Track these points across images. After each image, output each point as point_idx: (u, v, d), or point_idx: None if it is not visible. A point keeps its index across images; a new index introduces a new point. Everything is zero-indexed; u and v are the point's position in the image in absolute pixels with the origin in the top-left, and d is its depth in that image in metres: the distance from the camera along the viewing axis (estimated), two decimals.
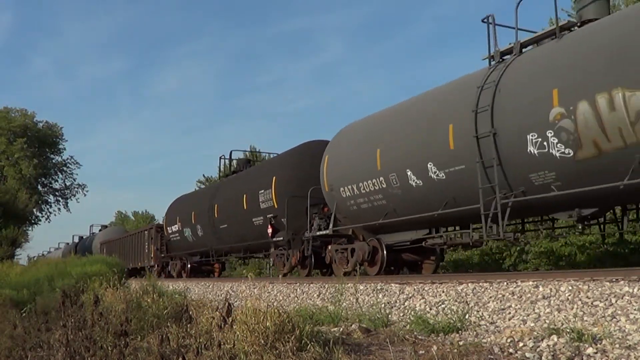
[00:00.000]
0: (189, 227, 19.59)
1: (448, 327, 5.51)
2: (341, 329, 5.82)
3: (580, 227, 7.84)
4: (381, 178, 10.66)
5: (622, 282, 5.47)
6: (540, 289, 6.01)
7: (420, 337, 5.39)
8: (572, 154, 7.61)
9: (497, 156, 8.50)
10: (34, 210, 46.72)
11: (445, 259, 15.87)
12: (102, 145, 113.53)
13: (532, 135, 8.05)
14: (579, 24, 8.81)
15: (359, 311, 6.76)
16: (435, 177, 9.54)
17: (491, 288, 6.57)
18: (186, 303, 7.02)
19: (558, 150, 7.76)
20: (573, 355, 4.25)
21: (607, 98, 7.05)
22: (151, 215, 57.24)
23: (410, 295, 7.40)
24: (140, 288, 8.90)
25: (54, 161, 53.45)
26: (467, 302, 6.45)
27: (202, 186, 32.58)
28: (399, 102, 11.49)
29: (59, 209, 54.35)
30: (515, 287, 6.32)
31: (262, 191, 14.83)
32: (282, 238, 14.29)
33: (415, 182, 9.94)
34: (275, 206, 14.25)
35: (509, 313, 5.77)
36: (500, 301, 6.14)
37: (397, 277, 9.88)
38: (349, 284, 8.03)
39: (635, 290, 5.19)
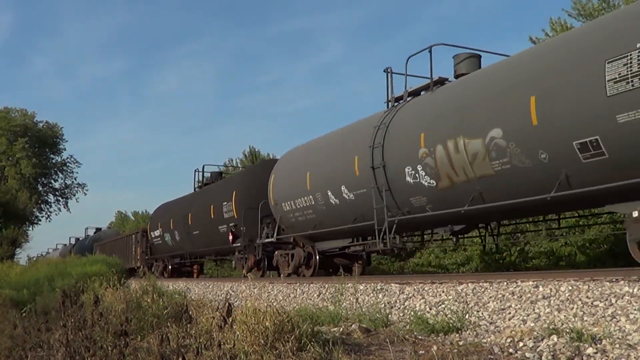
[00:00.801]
0: (168, 232, 21.88)
1: (448, 327, 5.51)
2: (341, 329, 5.82)
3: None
4: (310, 196, 12.93)
5: (622, 282, 5.47)
6: (540, 289, 6.01)
7: (420, 337, 5.39)
8: (435, 184, 9.71)
9: (386, 183, 10.60)
10: (34, 210, 46.71)
11: (447, 260, 16.28)
12: (102, 145, 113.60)
13: (408, 168, 10.20)
14: (455, 77, 10.78)
15: (359, 311, 6.76)
16: (347, 197, 11.80)
17: (491, 288, 6.57)
18: (186, 303, 7.02)
19: (426, 181, 9.85)
20: (573, 355, 4.25)
21: (454, 143, 9.18)
22: (151, 215, 57.10)
23: (410, 295, 7.40)
24: (140, 288, 8.90)
25: (53, 161, 53.49)
26: (467, 302, 6.45)
27: (202, 186, 32.80)
28: (325, 134, 14.03)
29: (59, 208, 54.40)
30: (515, 287, 6.32)
31: (225, 203, 17.12)
32: (239, 244, 16.51)
33: (334, 201, 12.21)
34: (235, 216, 16.50)
35: (509, 313, 5.77)
36: (500, 301, 6.14)
37: (397, 277, 9.88)
38: (349, 284, 8.03)
39: (635, 290, 5.19)
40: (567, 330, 4.60)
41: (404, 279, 9.06)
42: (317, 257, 13.37)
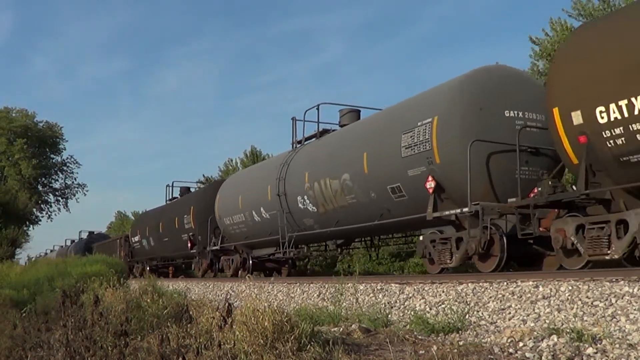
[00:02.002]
0: (145, 238, 25.21)
1: (448, 327, 5.51)
2: (341, 329, 5.82)
3: None
4: (242, 214, 16.40)
5: (622, 282, 5.47)
6: (540, 289, 6.01)
7: (420, 337, 5.39)
8: (316, 210, 13.02)
9: (287, 207, 14.07)
10: (34, 210, 46.70)
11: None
12: (102, 145, 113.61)
13: (299, 197, 13.52)
14: (340, 126, 14.02)
15: (358, 311, 6.76)
16: (264, 216, 15.26)
17: (491, 288, 6.57)
18: (186, 303, 7.02)
19: (310, 207, 13.18)
20: (573, 355, 4.25)
21: (324, 181, 12.39)
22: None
23: (410, 295, 7.40)
24: (140, 288, 8.90)
25: (53, 161, 53.47)
26: (467, 302, 6.45)
27: (202, 186, 33.11)
28: (255, 164, 18.47)
29: (59, 208, 54.37)
30: (515, 287, 6.32)
31: (186, 215, 20.56)
32: (195, 250, 19.92)
33: (257, 218, 15.65)
34: (193, 227, 19.89)
35: (509, 313, 5.77)
36: (500, 301, 6.14)
37: (397, 277, 9.88)
38: (349, 284, 8.03)
39: (635, 290, 5.19)
40: (567, 330, 4.60)
41: (404, 279, 9.05)
42: (251, 261, 16.86)
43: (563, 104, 7.51)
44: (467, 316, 5.80)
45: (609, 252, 7.26)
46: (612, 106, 6.84)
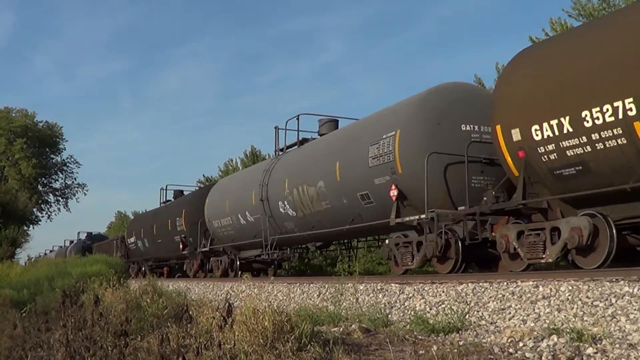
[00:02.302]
0: (140, 240, 25.87)
1: (448, 327, 5.51)
2: (341, 329, 5.82)
3: None
4: (229, 217, 17.18)
5: (622, 282, 5.47)
6: (540, 289, 6.01)
7: (420, 337, 5.39)
8: (295, 214, 13.73)
9: (269, 211, 14.82)
10: (34, 210, 46.72)
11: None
12: (102, 145, 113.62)
13: (280, 202, 14.31)
14: (319, 135, 14.81)
15: (359, 311, 6.76)
16: (249, 220, 16.06)
17: (491, 288, 6.57)
18: (186, 303, 7.02)
19: (290, 212, 13.91)
20: (573, 355, 4.25)
21: (302, 188, 13.19)
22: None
23: (410, 295, 7.40)
24: (139, 288, 8.90)
25: (53, 161, 53.48)
26: (467, 302, 6.45)
27: (202, 186, 33.25)
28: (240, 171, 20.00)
29: (59, 208, 54.40)
30: (515, 287, 6.32)
31: (178, 218, 21.27)
32: (186, 251, 20.72)
33: (243, 222, 16.44)
34: (185, 229, 20.58)
35: (509, 313, 5.77)
36: (500, 301, 6.14)
37: (397, 277, 9.90)
38: (349, 284, 8.03)
39: (635, 290, 5.19)
40: (567, 330, 4.60)
41: (404, 279, 9.05)
42: (238, 262, 17.63)
43: (504, 122, 8.32)
44: (467, 316, 5.80)
45: (544, 256, 8.01)
46: (545, 125, 7.67)
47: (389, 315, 6.55)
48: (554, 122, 7.53)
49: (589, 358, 4.20)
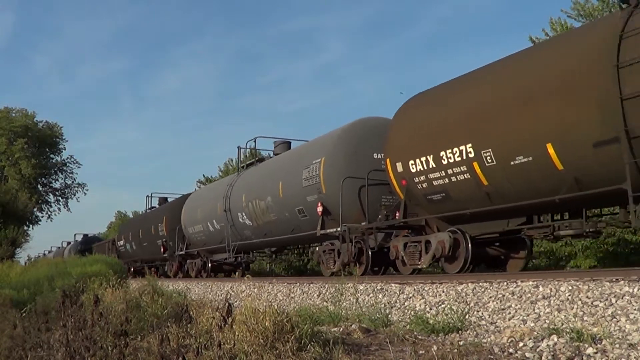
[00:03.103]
0: (128, 242, 28.25)
1: (448, 327, 5.51)
2: (341, 329, 5.82)
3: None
4: (200, 224, 19.70)
5: (622, 282, 5.47)
6: (540, 289, 6.01)
7: (420, 337, 5.39)
8: (251, 224, 16.01)
9: (231, 220, 17.10)
10: (34, 210, 46.72)
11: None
12: (102, 145, 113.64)
13: (239, 213, 16.49)
14: (274, 154, 17.14)
15: (359, 311, 6.76)
16: (217, 227, 18.36)
17: (491, 288, 6.57)
18: (186, 303, 7.02)
19: (247, 221, 16.21)
20: (573, 355, 4.25)
21: (255, 202, 15.51)
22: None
23: (410, 295, 7.40)
24: (139, 288, 8.90)
25: (53, 161, 53.46)
26: (467, 302, 6.45)
27: (202, 186, 33.44)
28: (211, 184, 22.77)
29: (59, 208, 54.39)
30: (515, 287, 6.32)
31: (160, 224, 23.50)
32: (167, 254, 22.95)
33: (212, 229, 18.80)
34: (166, 234, 22.74)
35: (509, 313, 5.77)
36: (500, 301, 6.14)
37: (398, 277, 9.91)
38: (349, 284, 8.03)
39: (635, 290, 5.19)
40: (567, 330, 4.60)
41: (404, 279, 9.06)
42: (210, 264, 19.97)
43: (392, 157, 10.51)
44: (467, 316, 5.80)
45: (419, 262, 10.08)
46: (418, 161, 9.82)
47: (389, 315, 6.55)
48: (423, 159, 9.70)
49: (589, 358, 4.20)
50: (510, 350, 4.61)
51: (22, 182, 47.95)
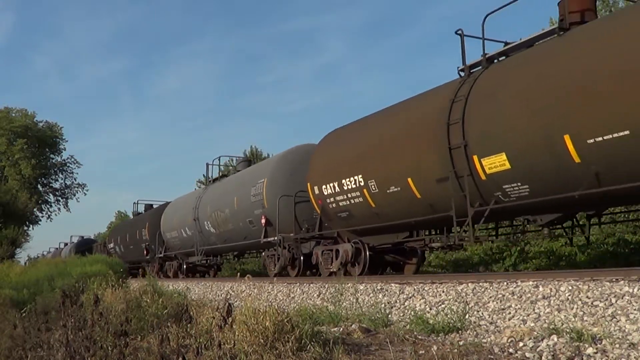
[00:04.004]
0: (117, 245, 30.33)
1: (448, 327, 5.51)
2: (341, 329, 5.82)
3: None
4: (176, 231, 21.82)
5: (622, 282, 5.47)
6: (540, 289, 6.01)
7: (420, 337, 5.39)
8: (215, 231, 18.12)
9: (200, 227, 19.30)
10: (34, 210, 46.72)
11: (448, 258, 16.86)
12: (102, 145, 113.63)
13: (205, 222, 18.78)
14: (237, 171, 19.42)
15: (359, 311, 6.76)
16: (189, 234, 20.58)
17: (491, 288, 6.57)
18: (186, 303, 7.02)
19: (212, 229, 18.34)
20: (573, 355, 4.25)
21: (218, 212, 17.52)
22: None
23: (410, 295, 7.40)
24: (140, 288, 8.90)
25: (53, 161, 53.44)
26: (467, 302, 6.45)
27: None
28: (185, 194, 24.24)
29: (59, 208, 54.39)
30: (515, 287, 6.32)
31: (143, 229, 25.70)
32: (148, 257, 25.20)
33: (185, 235, 21.00)
34: (148, 238, 24.99)
35: (509, 313, 5.77)
36: (500, 301, 6.14)
37: (397, 277, 9.90)
38: (349, 284, 8.03)
39: (635, 290, 5.19)
40: (567, 330, 4.60)
41: (404, 279, 9.06)
42: (185, 266, 22.08)
43: (311, 181, 12.64)
44: (467, 316, 5.80)
45: (331, 267, 12.22)
46: (328, 185, 11.96)
47: (389, 315, 6.55)
48: (332, 184, 11.87)
49: (589, 358, 4.20)
50: (510, 350, 4.62)
51: (22, 182, 47.95)
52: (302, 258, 13.87)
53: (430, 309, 6.62)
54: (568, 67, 7.59)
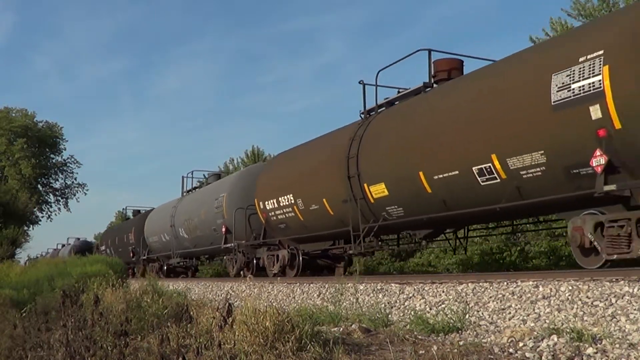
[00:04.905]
0: (108, 248, 33.12)
1: (448, 327, 5.51)
2: (341, 329, 5.82)
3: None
4: (157, 235, 24.54)
5: (622, 282, 5.47)
6: (540, 289, 6.01)
7: (420, 337, 5.39)
8: (188, 237, 20.66)
9: (176, 234, 21.84)
10: (34, 210, 46.70)
11: (447, 260, 16.89)
12: (102, 145, 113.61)
13: (180, 228, 21.19)
14: (207, 184, 21.86)
15: (359, 311, 6.76)
16: (167, 238, 23.26)
17: (491, 288, 6.57)
18: (186, 303, 7.01)
19: (186, 235, 20.89)
20: (573, 355, 4.25)
21: (190, 220, 20.42)
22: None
23: (410, 295, 7.40)
24: (140, 288, 8.89)
25: (53, 161, 53.40)
26: (467, 302, 6.45)
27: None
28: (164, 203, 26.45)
29: (59, 208, 54.36)
30: (515, 287, 6.31)
31: (130, 233, 28.63)
32: (134, 259, 27.71)
33: (164, 239, 23.62)
34: (134, 241, 27.85)
35: (509, 313, 5.77)
36: (500, 301, 6.14)
37: (397, 277, 9.90)
38: (349, 284, 8.03)
39: (635, 290, 5.19)
40: (567, 330, 4.60)
41: (404, 279, 9.06)
42: (165, 267, 24.51)
43: (258, 197, 15.03)
44: (467, 316, 5.80)
45: (272, 269, 14.56)
46: (269, 201, 14.35)
47: (389, 315, 6.54)
48: (271, 201, 14.22)
49: (589, 358, 4.20)
50: (510, 350, 4.62)
51: (22, 182, 47.91)
52: (254, 262, 16.02)
53: (430, 309, 6.62)
54: (421, 120, 9.92)
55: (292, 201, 13.29)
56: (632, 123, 6.58)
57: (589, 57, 7.04)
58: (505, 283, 6.56)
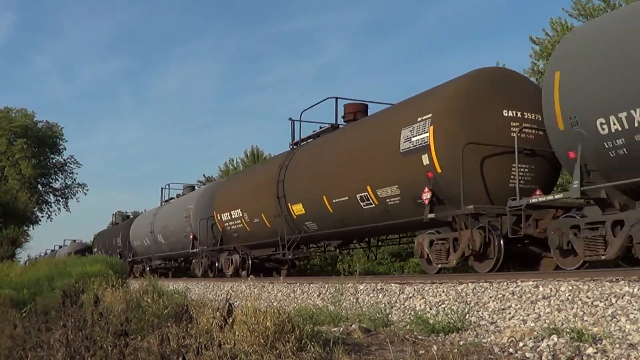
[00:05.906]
0: (100, 250, 35.49)
1: (448, 327, 5.51)
2: (341, 329, 5.82)
3: None
4: (140, 240, 26.91)
5: (622, 282, 5.47)
6: (540, 289, 6.01)
7: (420, 337, 5.40)
8: (165, 242, 23.61)
9: (155, 239, 24.39)
10: (34, 210, 46.67)
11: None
12: (102, 145, 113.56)
13: (159, 234, 23.88)
14: (183, 194, 24.83)
15: (359, 311, 6.76)
16: (148, 242, 25.33)
17: (491, 288, 6.57)
18: (186, 303, 7.01)
19: (163, 240, 23.67)
20: (573, 355, 4.26)
21: (165, 227, 23.52)
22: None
23: (410, 295, 7.40)
24: (140, 288, 8.89)
25: (54, 161, 53.38)
26: (467, 302, 6.45)
27: (202, 185, 33.92)
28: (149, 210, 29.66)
29: (59, 208, 54.33)
30: (515, 287, 6.32)
31: (118, 237, 31.48)
32: (122, 261, 28.93)
33: (145, 243, 25.93)
34: (121, 245, 30.27)
35: (509, 313, 5.77)
36: (500, 301, 6.14)
37: (397, 278, 9.91)
38: (349, 284, 8.03)
39: (635, 290, 5.19)
40: (567, 330, 4.60)
41: (404, 279, 9.06)
42: (147, 269, 25.81)
43: (216, 209, 18.00)
44: (467, 316, 5.80)
45: (228, 270, 17.48)
46: (226, 214, 17.21)
47: (389, 315, 6.55)
48: (226, 213, 16.97)
49: (589, 358, 4.20)
50: (510, 350, 4.62)
51: (22, 182, 47.88)
52: (217, 264, 18.62)
53: (431, 309, 6.62)
54: (326, 155, 12.90)
55: (241, 214, 16.15)
56: (448, 169, 9.18)
57: (423, 118, 9.71)
58: (505, 283, 6.56)
